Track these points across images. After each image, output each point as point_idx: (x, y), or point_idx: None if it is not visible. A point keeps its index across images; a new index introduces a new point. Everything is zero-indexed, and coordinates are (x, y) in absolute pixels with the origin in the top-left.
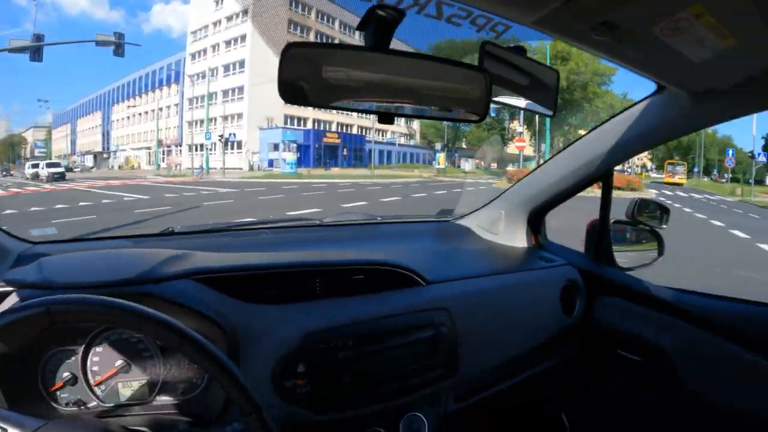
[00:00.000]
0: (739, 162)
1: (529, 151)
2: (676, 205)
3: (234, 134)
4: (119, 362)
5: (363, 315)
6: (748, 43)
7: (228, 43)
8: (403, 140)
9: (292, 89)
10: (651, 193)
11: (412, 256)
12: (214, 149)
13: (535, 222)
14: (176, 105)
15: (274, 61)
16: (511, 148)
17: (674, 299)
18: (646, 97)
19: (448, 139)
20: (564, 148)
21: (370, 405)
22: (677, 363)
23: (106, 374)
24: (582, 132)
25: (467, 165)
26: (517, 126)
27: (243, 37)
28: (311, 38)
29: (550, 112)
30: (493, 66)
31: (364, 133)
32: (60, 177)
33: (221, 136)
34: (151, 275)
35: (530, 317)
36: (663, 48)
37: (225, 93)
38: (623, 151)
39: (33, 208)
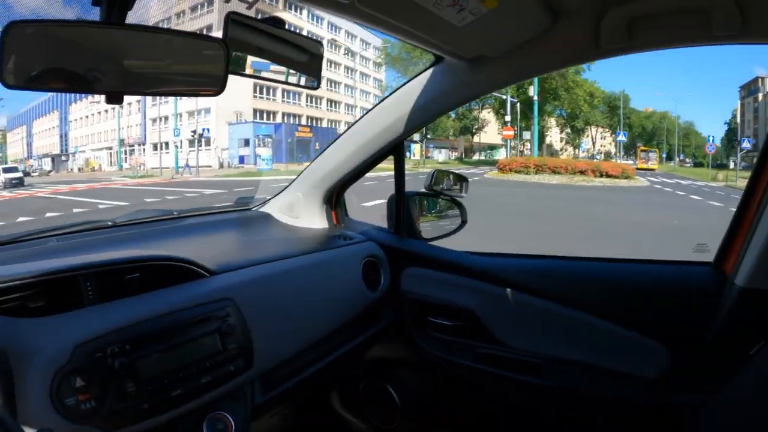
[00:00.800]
0: (698, 146)
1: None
2: (679, 193)
3: (208, 129)
4: None
5: (139, 316)
6: (509, 5)
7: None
8: None
9: (18, 72)
10: (643, 181)
11: (201, 248)
12: (181, 147)
13: (335, 201)
14: (138, 101)
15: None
16: (483, 138)
17: (475, 263)
18: (426, 69)
19: (427, 129)
20: (350, 126)
21: (166, 411)
22: (483, 319)
23: None
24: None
25: (440, 155)
26: (486, 114)
27: (209, 27)
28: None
29: (314, 84)
30: (244, 37)
31: (334, 126)
32: (18, 183)
33: (194, 131)
34: None
35: (333, 297)
36: (429, 16)
37: None
38: (410, 123)
39: None
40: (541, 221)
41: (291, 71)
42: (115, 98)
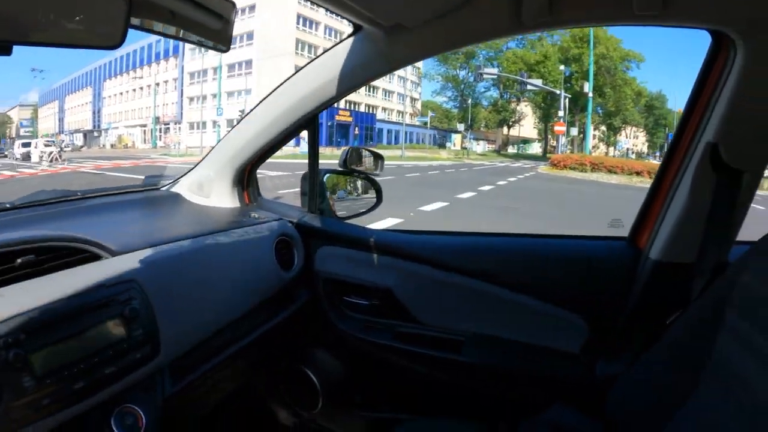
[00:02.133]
0: None
1: (534, 133)
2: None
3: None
4: None
5: (34, 302)
6: None
7: None
8: (408, 120)
9: None
10: None
11: (104, 229)
12: (214, 126)
13: (247, 179)
14: (175, 80)
15: (284, 34)
16: (518, 131)
17: (392, 240)
18: (344, 39)
19: (472, 120)
20: (261, 101)
21: (70, 406)
22: (401, 298)
23: None
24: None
25: (478, 147)
26: (523, 107)
27: (252, 8)
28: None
29: (224, 49)
30: None
31: (373, 112)
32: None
33: (242, 110)
34: None
35: (245, 277)
36: None
37: (231, 67)
38: (326, 95)
39: None
40: None
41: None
42: (2, 48)
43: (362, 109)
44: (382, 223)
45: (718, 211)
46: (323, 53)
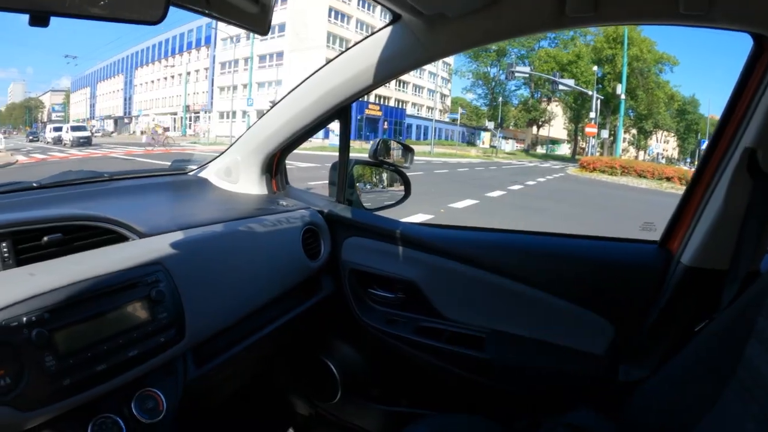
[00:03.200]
0: None
1: (563, 134)
2: None
3: None
4: None
5: (60, 281)
6: None
7: None
8: (438, 116)
9: None
10: None
11: (131, 210)
12: (243, 116)
13: (275, 167)
14: (206, 69)
15: (315, 26)
16: (548, 131)
17: (419, 234)
18: (382, 28)
19: (502, 118)
20: (294, 88)
21: (90, 388)
22: (426, 292)
23: None
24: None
25: (507, 146)
26: (553, 107)
27: None
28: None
29: (261, 32)
30: None
31: (402, 107)
32: (86, 142)
33: (272, 101)
34: None
35: (271, 265)
36: None
37: (262, 58)
38: (360, 85)
39: None
40: None
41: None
42: (40, 19)
43: (392, 103)
44: (412, 218)
45: (753, 218)
46: (359, 42)
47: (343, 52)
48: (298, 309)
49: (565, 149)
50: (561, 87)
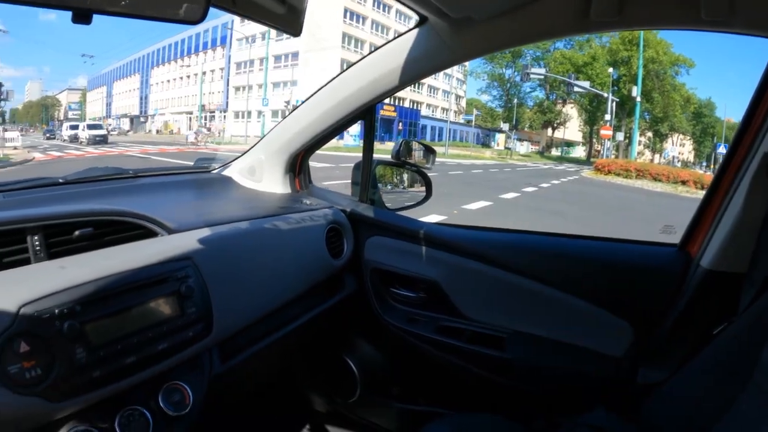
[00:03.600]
0: None
1: (578, 136)
2: None
3: (299, 100)
4: None
5: (91, 274)
6: None
7: None
8: (452, 117)
9: None
10: None
11: (159, 206)
12: (258, 117)
13: (299, 166)
14: (221, 69)
15: (331, 27)
16: (563, 134)
17: (441, 234)
18: (407, 31)
19: (517, 120)
20: (320, 88)
21: (117, 381)
22: (448, 292)
23: None
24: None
25: (521, 148)
26: (569, 110)
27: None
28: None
29: (294, 33)
30: None
31: (417, 108)
32: (102, 140)
33: (287, 101)
34: None
35: (295, 263)
36: None
37: (277, 58)
38: (385, 86)
39: None
40: None
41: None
42: (83, 16)
43: (407, 104)
44: (425, 219)
45: None
46: (385, 44)
47: (368, 55)
48: (321, 307)
49: (580, 152)
50: (576, 89)
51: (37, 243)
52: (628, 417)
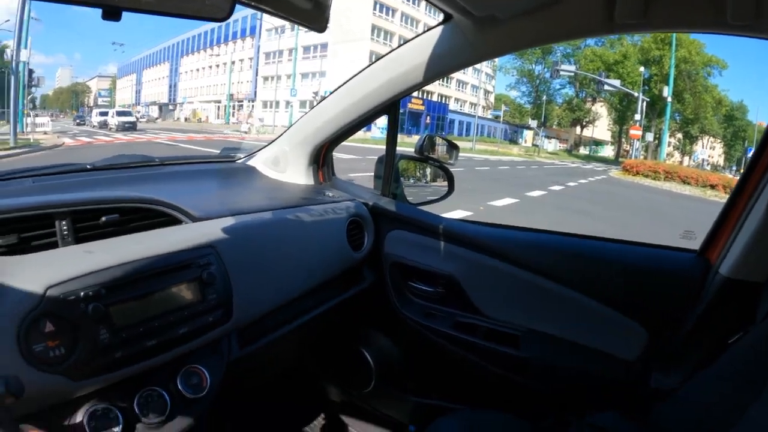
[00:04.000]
0: None
1: (607, 135)
2: None
3: (327, 91)
4: None
5: (117, 259)
6: None
7: None
8: (480, 112)
9: None
10: None
11: (183, 194)
12: (288, 107)
13: (322, 158)
14: (251, 59)
15: (360, 19)
16: (592, 132)
17: (461, 230)
18: (432, 27)
19: (546, 117)
20: (345, 82)
21: (138, 362)
22: (465, 287)
23: None
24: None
25: (549, 145)
26: (598, 108)
27: None
28: None
29: (317, 28)
30: None
31: (445, 102)
32: (131, 127)
33: (315, 92)
34: None
35: (315, 253)
36: None
37: (306, 49)
38: (410, 81)
39: None
40: None
41: None
42: (113, 13)
43: (435, 98)
44: (450, 214)
45: None
46: (410, 40)
47: (393, 50)
48: (339, 298)
49: (608, 151)
50: (606, 87)
51: (65, 228)
52: (638, 421)
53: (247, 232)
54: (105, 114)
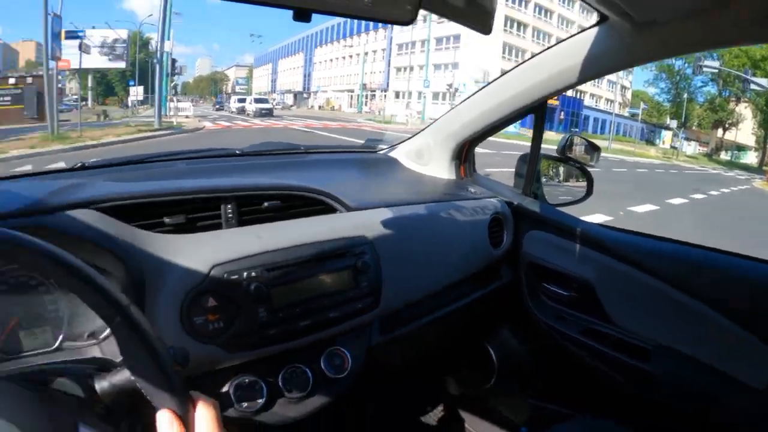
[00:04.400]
0: None
1: (751, 140)
2: None
3: (465, 84)
4: (17, 311)
5: (277, 243)
6: None
7: None
8: (617, 110)
9: None
10: None
11: (334, 184)
12: (421, 98)
13: (465, 154)
14: (383, 50)
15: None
16: (734, 135)
17: (602, 235)
18: (586, 28)
19: (686, 116)
20: (494, 80)
21: (289, 341)
22: (600, 295)
23: (7, 328)
24: None
25: (688, 148)
26: (742, 109)
27: None
28: None
29: (484, 29)
30: None
31: (580, 97)
32: (268, 113)
33: (449, 84)
34: (41, 205)
35: (457, 248)
36: None
37: (438, 41)
38: (560, 83)
39: None
40: None
41: None
42: (303, 15)
43: (569, 93)
44: (590, 218)
45: None
46: (563, 40)
47: (544, 50)
48: (476, 294)
49: (751, 157)
50: (752, 86)
51: (230, 211)
52: None
53: (399, 223)
54: (243, 101)
